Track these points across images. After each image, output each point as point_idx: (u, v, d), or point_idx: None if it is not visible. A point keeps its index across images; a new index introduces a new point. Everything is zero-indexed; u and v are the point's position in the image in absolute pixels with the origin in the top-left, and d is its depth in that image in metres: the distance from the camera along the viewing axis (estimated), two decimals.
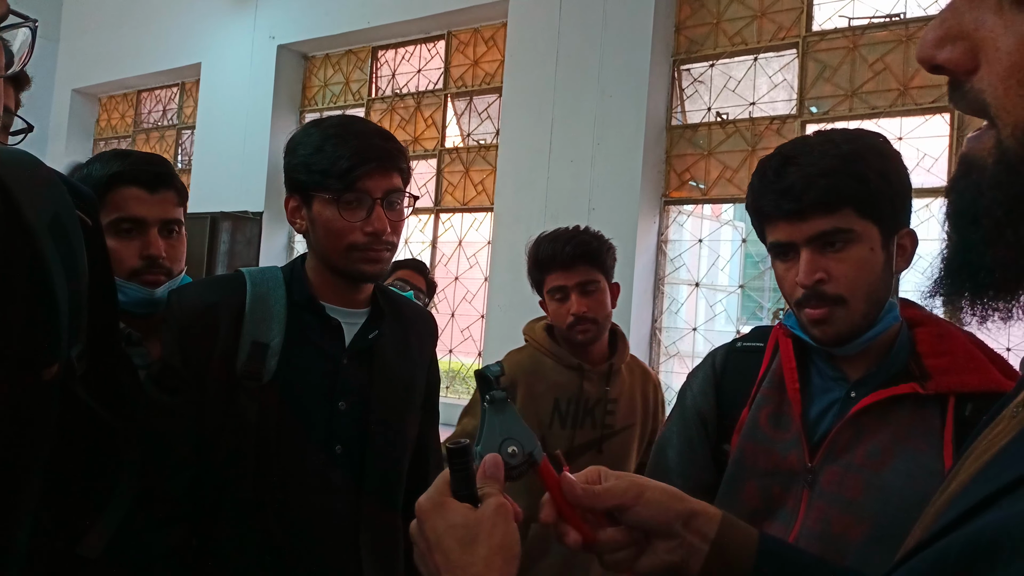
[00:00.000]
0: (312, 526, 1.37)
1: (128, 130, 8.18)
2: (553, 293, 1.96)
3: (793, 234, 1.10)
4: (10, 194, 0.93)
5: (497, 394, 0.76)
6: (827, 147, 1.10)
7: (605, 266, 1.97)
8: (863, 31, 4.27)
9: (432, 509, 0.68)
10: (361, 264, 1.37)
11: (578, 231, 1.98)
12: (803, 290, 1.10)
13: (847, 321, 1.09)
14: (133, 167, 1.46)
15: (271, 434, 1.34)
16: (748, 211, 1.20)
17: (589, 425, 1.96)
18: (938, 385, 1.07)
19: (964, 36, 0.46)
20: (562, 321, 1.94)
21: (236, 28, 6.88)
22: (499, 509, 0.68)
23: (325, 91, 6.68)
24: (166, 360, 1.37)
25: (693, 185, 4.83)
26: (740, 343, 1.32)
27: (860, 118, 4.18)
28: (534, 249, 1.99)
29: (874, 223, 1.09)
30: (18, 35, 0.79)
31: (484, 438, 0.74)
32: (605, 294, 1.97)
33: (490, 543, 0.65)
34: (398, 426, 1.48)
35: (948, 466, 1.01)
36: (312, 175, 1.33)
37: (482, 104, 5.82)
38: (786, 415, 1.16)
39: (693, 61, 4.84)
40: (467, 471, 0.69)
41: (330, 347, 1.41)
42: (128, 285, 1.44)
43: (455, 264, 5.85)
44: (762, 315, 5.22)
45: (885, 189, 1.08)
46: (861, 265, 1.08)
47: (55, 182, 1.04)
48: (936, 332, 1.14)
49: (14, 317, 0.92)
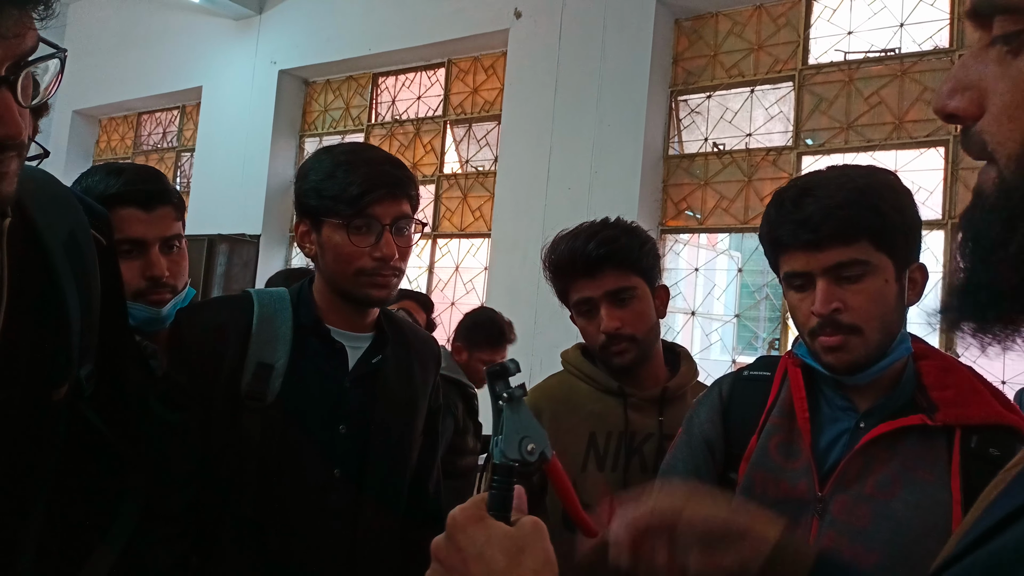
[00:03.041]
0: (310, 547, 1.37)
1: (128, 152, 8.21)
2: (579, 307, 1.55)
3: (810, 264, 1.12)
4: (26, 212, 0.93)
5: (516, 391, 0.75)
6: (843, 180, 1.12)
7: (642, 267, 1.53)
8: (859, 65, 4.34)
9: (469, 522, 0.66)
10: (369, 289, 1.38)
11: (604, 224, 1.55)
12: (818, 319, 1.11)
13: (862, 350, 1.10)
14: (128, 187, 1.45)
15: (272, 454, 1.34)
16: (762, 240, 1.21)
17: (637, 467, 1.50)
18: (945, 417, 1.09)
19: (971, 86, 0.51)
20: (593, 340, 1.55)
21: (238, 53, 6.93)
22: (539, 526, 0.67)
23: (325, 116, 6.73)
24: (172, 378, 1.37)
25: (689, 215, 4.86)
26: (747, 372, 1.32)
27: (855, 151, 4.24)
28: (550, 251, 1.58)
29: (888, 256, 1.11)
30: (49, 66, 0.81)
31: (505, 436, 0.73)
32: (645, 302, 1.53)
33: (535, 556, 0.64)
34: (398, 451, 1.49)
35: (955, 496, 1.03)
36: (323, 200, 1.35)
37: (481, 131, 5.86)
38: (796, 444, 1.17)
39: (690, 92, 4.90)
40: (509, 490, 0.69)
41: (333, 370, 1.42)
42: (134, 306, 1.44)
43: (452, 290, 5.86)
44: (757, 344, 5.23)
45: (899, 223, 1.11)
46: (876, 296, 1.10)
47: (71, 200, 1.05)
48: (941, 365, 1.16)
49: (26, 337, 0.92)
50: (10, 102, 0.76)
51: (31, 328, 0.92)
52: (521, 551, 0.64)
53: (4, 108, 0.76)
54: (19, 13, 0.75)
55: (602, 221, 1.57)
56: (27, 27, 0.76)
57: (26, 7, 0.76)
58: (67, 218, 1.01)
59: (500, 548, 0.64)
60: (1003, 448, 1.07)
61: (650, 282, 1.56)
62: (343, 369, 1.43)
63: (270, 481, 1.34)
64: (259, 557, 1.34)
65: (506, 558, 0.63)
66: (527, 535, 0.66)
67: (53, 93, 0.83)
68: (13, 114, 0.77)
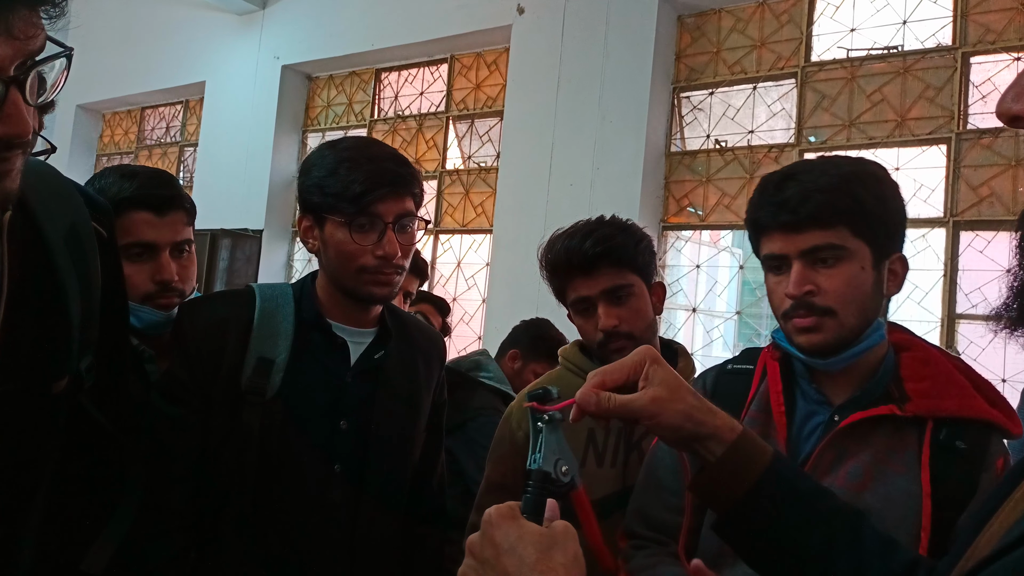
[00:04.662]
0: (310, 541, 1.37)
1: (131, 146, 8.21)
2: (577, 305, 1.57)
3: (787, 246, 1.14)
4: (28, 204, 0.94)
5: (556, 415, 0.80)
6: (827, 167, 1.14)
7: (637, 264, 1.55)
8: (861, 62, 4.33)
9: (503, 519, 0.69)
10: (371, 286, 1.38)
11: (600, 223, 1.57)
12: (791, 301, 1.13)
13: (835, 332, 1.12)
14: (142, 191, 1.46)
15: (273, 449, 1.35)
16: (747, 224, 1.24)
17: (636, 462, 1.52)
18: (916, 408, 1.10)
19: None
20: (591, 338, 1.57)
21: (241, 48, 6.93)
22: (569, 529, 0.70)
23: (328, 111, 6.73)
24: (174, 372, 1.38)
25: (691, 211, 4.86)
26: (730, 365, 1.34)
27: (858, 148, 4.23)
28: (546, 250, 1.59)
29: (866, 243, 1.12)
30: (56, 65, 0.82)
31: (544, 455, 0.77)
32: (642, 300, 1.56)
33: (566, 553, 0.67)
34: (400, 447, 1.49)
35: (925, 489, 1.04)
36: (325, 198, 1.35)
37: (483, 127, 5.86)
38: (772, 438, 1.18)
39: (693, 89, 4.90)
40: (543, 496, 0.73)
41: (335, 365, 1.42)
42: (142, 309, 1.44)
43: (453, 285, 5.87)
44: (758, 341, 5.23)
45: (880, 212, 1.12)
46: (851, 281, 1.11)
47: (72, 193, 1.05)
48: (921, 357, 1.16)
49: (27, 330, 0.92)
50: (18, 101, 0.77)
51: (32, 321, 0.92)
52: (552, 548, 0.67)
53: (12, 107, 0.77)
54: (29, 13, 0.76)
55: (598, 219, 1.59)
56: (37, 27, 0.77)
57: (36, 7, 0.77)
58: (68, 211, 1.01)
59: (532, 544, 0.67)
60: (971, 441, 1.07)
61: (646, 279, 1.58)
62: (345, 364, 1.43)
63: (270, 475, 1.35)
64: (258, 551, 1.35)
65: (537, 552, 0.66)
66: (558, 534, 0.69)
67: (59, 91, 0.83)
68: (21, 113, 0.77)
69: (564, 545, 0.67)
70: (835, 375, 1.17)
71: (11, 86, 0.77)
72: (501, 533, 0.68)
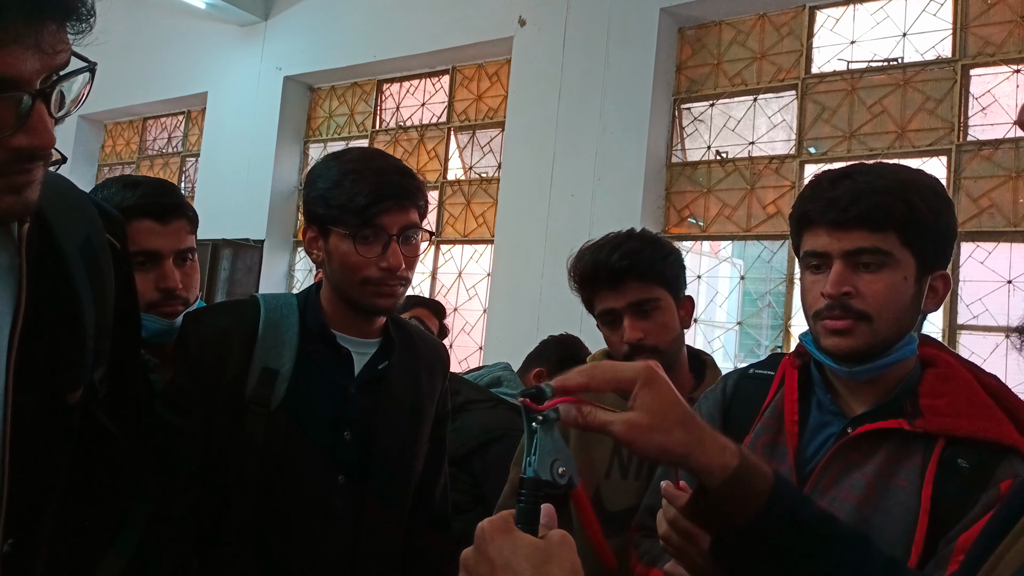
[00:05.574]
0: (312, 552, 1.37)
1: (133, 157, 8.23)
2: (603, 317, 1.58)
3: (831, 244, 1.10)
4: (44, 216, 0.95)
5: (550, 414, 0.76)
6: (886, 171, 1.10)
7: (666, 278, 1.56)
8: (861, 74, 4.35)
9: (497, 532, 0.67)
10: (374, 298, 1.38)
11: (628, 236, 1.58)
12: (826, 300, 1.09)
13: (867, 339, 1.08)
14: (145, 200, 1.47)
15: (276, 459, 1.35)
16: (791, 219, 1.19)
17: None
18: (927, 424, 1.06)
19: None
20: (617, 350, 1.57)
21: (243, 59, 6.96)
22: (566, 539, 0.67)
23: (330, 122, 6.75)
24: (178, 381, 1.38)
25: (692, 222, 4.87)
26: (752, 370, 1.31)
27: (858, 159, 4.24)
28: (575, 262, 1.61)
29: (913, 254, 1.08)
30: (78, 78, 0.83)
31: (538, 457, 0.74)
32: (668, 313, 1.56)
33: (563, 565, 0.65)
34: (403, 458, 1.48)
35: (924, 505, 1.02)
36: (330, 209, 1.36)
37: (485, 138, 5.88)
38: (782, 446, 1.16)
39: (694, 100, 4.91)
40: (536, 504, 0.70)
41: (339, 376, 1.42)
42: (146, 317, 1.44)
43: (454, 295, 5.87)
44: (759, 352, 5.23)
45: (932, 224, 1.08)
46: (891, 290, 1.07)
47: (86, 204, 1.06)
48: (944, 374, 1.12)
49: (44, 340, 0.93)
50: (44, 114, 0.78)
51: (48, 332, 0.93)
52: (547, 561, 0.65)
53: (38, 120, 0.78)
54: (57, 28, 0.77)
55: (627, 232, 1.59)
56: (64, 42, 0.78)
57: (64, 22, 0.78)
58: (83, 222, 1.02)
59: (527, 558, 0.64)
60: (976, 462, 1.03)
61: (674, 293, 1.58)
62: (348, 375, 1.43)
63: (273, 485, 1.35)
64: (261, 561, 1.34)
65: (532, 567, 0.64)
66: (554, 546, 0.66)
67: (81, 104, 0.84)
68: (46, 126, 0.79)
69: (560, 557, 0.65)
70: (857, 386, 1.14)
71: (38, 99, 0.78)
72: (495, 548, 0.66)
